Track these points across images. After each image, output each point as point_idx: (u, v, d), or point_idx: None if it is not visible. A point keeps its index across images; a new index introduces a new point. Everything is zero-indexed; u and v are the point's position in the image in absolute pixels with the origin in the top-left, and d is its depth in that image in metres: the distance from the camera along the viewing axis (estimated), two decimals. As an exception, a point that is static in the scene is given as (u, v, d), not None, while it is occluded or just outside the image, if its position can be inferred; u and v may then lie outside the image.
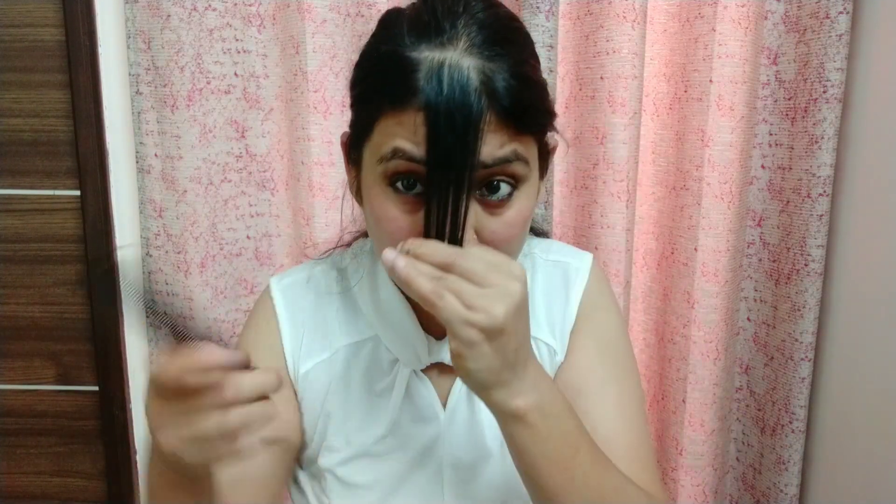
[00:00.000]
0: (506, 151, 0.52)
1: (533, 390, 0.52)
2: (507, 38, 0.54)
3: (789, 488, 1.07)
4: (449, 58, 0.50)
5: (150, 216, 1.06)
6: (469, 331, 0.48)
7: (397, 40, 0.53)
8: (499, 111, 0.51)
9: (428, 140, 0.50)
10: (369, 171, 0.56)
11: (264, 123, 1.07)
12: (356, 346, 0.68)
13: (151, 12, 1.00)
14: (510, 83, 0.51)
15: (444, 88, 0.49)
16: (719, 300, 1.05)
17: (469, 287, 0.48)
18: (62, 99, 1.08)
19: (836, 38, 0.95)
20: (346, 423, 0.66)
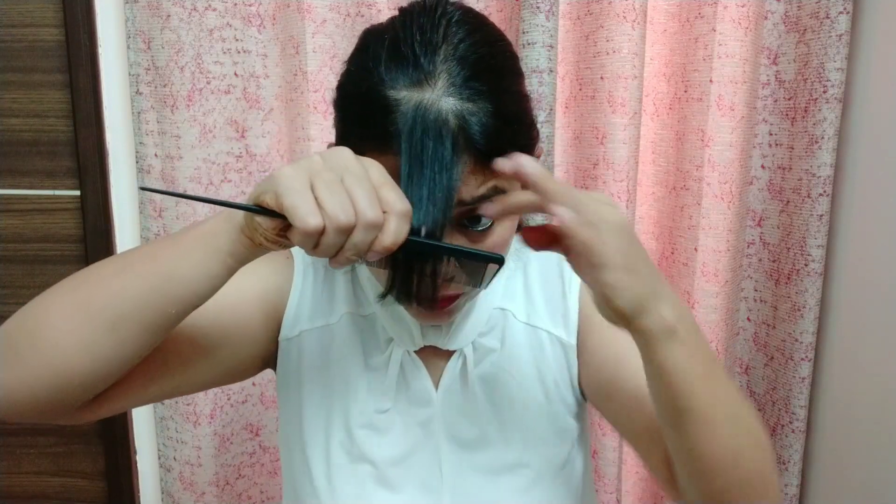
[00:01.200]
0: (484, 189, 0.53)
1: (675, 303, 0.50)
2: (486, 71, 0.53)
3: (789, 488, 1.07)
4: (426, 100, 0.50)
5: (150, 216, 1.06)
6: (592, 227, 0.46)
7: (375, 77, 0.52)
8: (476, 154, 0.51)
9: (406, 187, 0.49)
10: None
11: (264, 123, 1.07)
12: (357, 318, 0.69)
13: (151, 12, 1.00)
14: (488, 125, 0.51)
15: (420, 136, 0.49)
16: (719, 300, 1.05)
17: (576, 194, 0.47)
18: (62, 99, 1.08)
19: (836, 38, 0.95)
20: (345, 390, 0.68)
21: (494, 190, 0.53)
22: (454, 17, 0.54)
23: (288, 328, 0.68)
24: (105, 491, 1.19)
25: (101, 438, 1.17)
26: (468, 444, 0.67)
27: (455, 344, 0.67)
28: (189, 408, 1.09)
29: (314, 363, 0.69)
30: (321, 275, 0.71)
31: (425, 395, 0.67)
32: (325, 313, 0.69)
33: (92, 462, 1.19)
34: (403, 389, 0.68)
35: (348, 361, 0.68)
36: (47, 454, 1.19)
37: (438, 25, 0.53)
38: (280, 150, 1.09)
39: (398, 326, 0.67)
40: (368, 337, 0.69)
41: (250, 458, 1.14)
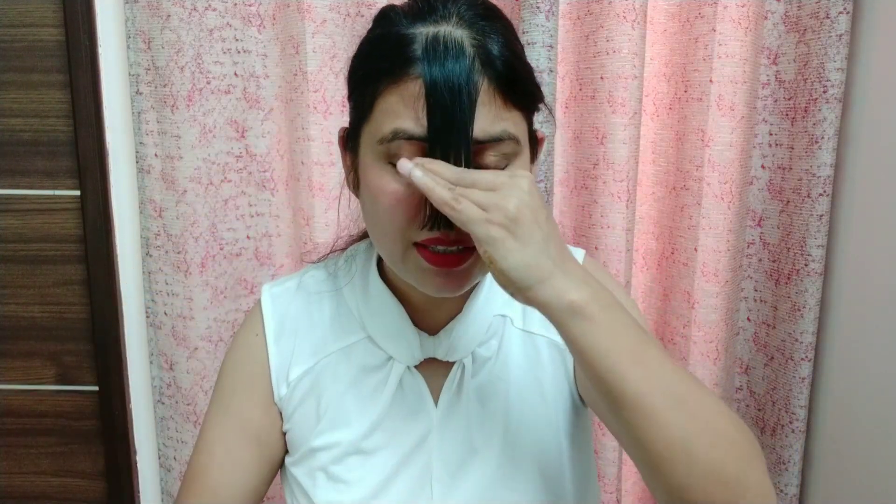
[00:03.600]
0: (497, 129, 0.55)
1: (584, 284, 0.51)
2: (496, 15, 0.58)
3: (789, 488, 1.07)
4: (443, 30, 0.54)
5: (150, 216, 1.06)
6: (490, 228, 0.50)
7: (393, 23, 0.56)
8: (492, 77, 0.54)
9: (429, 108, 0.52)
10: (368, 151, 0.57)
11: (264, 123, 1.07)
12: (347, 350, 0.68)
13: (151, 12, 1.00)
14: (501, 52, 0.54)
15: (439, 57, 0.52)
16: (719, 300, 1.05)
17: (482, 193, 0.51)
18: (62, 99, 1.08)
19: (836, 38, 0.95)
20: (337, 423, 0.67)
21: (506, 133, 0.55)
22: None
23: (278, 389, 0.69)
24: (105, 491, 1.19)
25: (101, 438, 1.17)
26: (461, 460, 0.65)
27: (455, 355, 0.66)
28: (189, 408, 1.09)
29: (301, 406, 0.68)
30: (300, 316, 0.70)
31: (423, 410, 0.66)
32: (308, 356, 0.69)
33: (92, 462, 1.19)
34: (399, 404, 0.66)
35: (338, 395, 0.67)
36: (47, 454, 1.19)
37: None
38: (280, 150, 1.09)
39: (396, 342, 0.66)
40: (363, 361, 0.68)
41: (250, 458, 1.14)
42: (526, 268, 0.50)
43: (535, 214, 0.51)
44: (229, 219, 1.08)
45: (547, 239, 0.51)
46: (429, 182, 0.51)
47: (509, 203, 0.50)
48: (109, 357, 1.14)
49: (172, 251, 1.06)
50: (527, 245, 0.50)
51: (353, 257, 0.72)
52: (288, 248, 1.12)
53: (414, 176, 0.51)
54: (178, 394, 1.09)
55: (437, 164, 0.52)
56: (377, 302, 0.67)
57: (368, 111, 0.57)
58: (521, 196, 0.51)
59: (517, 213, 0.50)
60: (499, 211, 0.50)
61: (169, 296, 1.07)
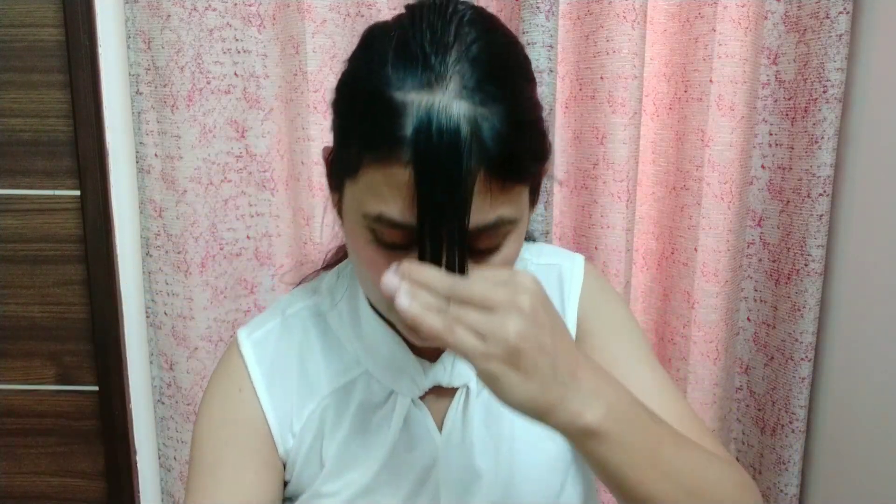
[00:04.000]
0: (491, 217, 0.49)
1: (596, 399, 0.47)
2: (500, 73, 0.49)
3: (789, 488, 1.07)
4: (437, 103, 0.46)
5: (150, 216, 1.06)
6: (488, 363, 0.44)
7: (381, 76, 0.48)
8: (488, 163, 0.47)
9: (417, 203, 0.47)
10: (351, 212, 0.53)
11: (264, 123, 1.07)
12: (346, 388, 0.64)
13: (151, 12, 1.00)
14: (503, 130, 0.47)
15: (432, 141, 0.46)
16: (719, 300, 1.05)
17: (475, 315, 0.45)
18: (62, 99, 1.08)
19: (836, 38, 0.95)
20: (342, 468, 0.63)
21: (500, 220, 0.50)
22: (466, 15, 0.50)
23: (283, 443, 0.64)
24: (105, 491, 1.19)
25: (101, 438, 1.17)
26: (467, 485, 0.63)
27: (460, 379, 0.64)
28: (189, 408, 1.09)
29: (305, 452, 0.64)
30: (290, 362, 0.65)
31: (428, 439, 0.63)
32: (305, 402, 0.64)
33: (92, 462, 1.19)
34: (405, 437, 0.63)
35: (343, 438, 0.63)
36: (47, 454, 1.19)
37: (450, 23, 0.49)
38: (280, 151, 1.09)
39: (398, 376, 0.63)
40: (365, 398, 0.64)
41: (250, 458, 1.14)
42: (532, 401, 0.45)
43: (539, 338, 0.45)
44: (229, 219, 1.08)
45: (554, 362, 0.46)
46: (417, 313, 0.45)
47: (508, 331, 0.44)
48: (109, 357, 1.14)
49: (172, 251, 1.06)
50: (532, 377, 0.45)
51: (338, 278, 0.68)
52: (288, 248, 1.12)
53: (400, 304, 0.45)
54: (178, 394, 1.09)
55: (425, 272, 0.46)
56: (371, 336, 0.63)
57: (353, 172, 0.51)
58: (522, 319, 0.44)
59: (518, 342, 0.44)
60: (497, 342, 0.44)
61: (169, 296, 1.07)
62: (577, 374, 0.47)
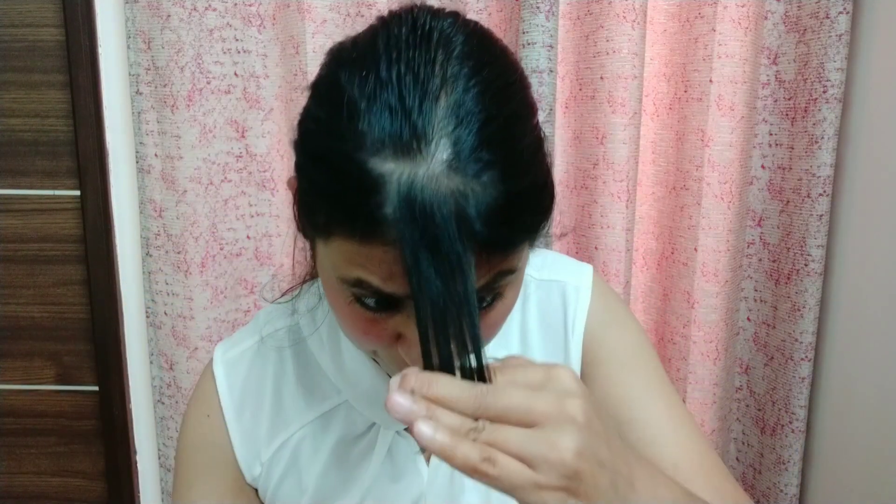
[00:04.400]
0: (487, 278, 0.43)
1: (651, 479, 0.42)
2: (496, 132, 0.40)
3: (789, 488, 1.07)
4: (421, 177, 0.38)
5: (150, 216, 1.06)
6: (543, 496, 0.36)
7: (352, 138, 0.40)
8: (480, 244, 0.40)
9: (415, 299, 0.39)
10: (328, 271, 0.46)
11: (264, 123, 1.07)
12: (325, 418, 0.61)
13: (151, 12, 1.00)
14: (496, 207, 0.39)
15: (419, 226, 0.38)
16: (719, 300, 1.05)
17: (518, 435, 0.36)
18: (62, 99, 1.08)
19: (836, 38, 0.95)
20: (322, 499, 0.60)
21: (499, 275, 0.43)
22: (455, 49, 0.41)
23: (249, 470, 0.62)
24: (105, 491, 1.19)
25: (101, 438, 1.17)
26: None
27: None
28: (189, 408, 1.09)
29: (281, 483, 0.62)
30: (264, 385, 0.62)
31: (414, 471, 0.60)
32: (279, 430, 0.61)
33: (92, 462, 1.19)
34: (388, 468, 0.60)
35: (322, 469, 0.61)
36: (47, 454, 1.19)
37: (435, 61, 0.40)
38: (280, 151, 1.09)
39: (380, 409, 0.58)
40: (344, 430, 0.60)
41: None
42: None
43: (598, 453, 0.37)
44: (229, 219, 1.08)
45: (614, 476, 0.39)
46: (447, 445, 0.36)
47: (565, 453, 0.36)
48: (109, 357, 1.14)
49: (172, 251, 1.06)
50: (592, 501, 0.37)
51: (316, 305, 0.63)
52: (288, 248, 1.11)
53: (422, 435, 0.36)
54: (178, 394, 1.09)
55: (443, 385, 0.37)
56: (352, 364, 0.59)
57: (323, 236, 0.44)
58: (577, 434, 0.36)
59: (577, 465, 0.36)
60: (552, 469, 0.36)
61: (169, 296, 1.07)
62: (635, 483, 0.41)
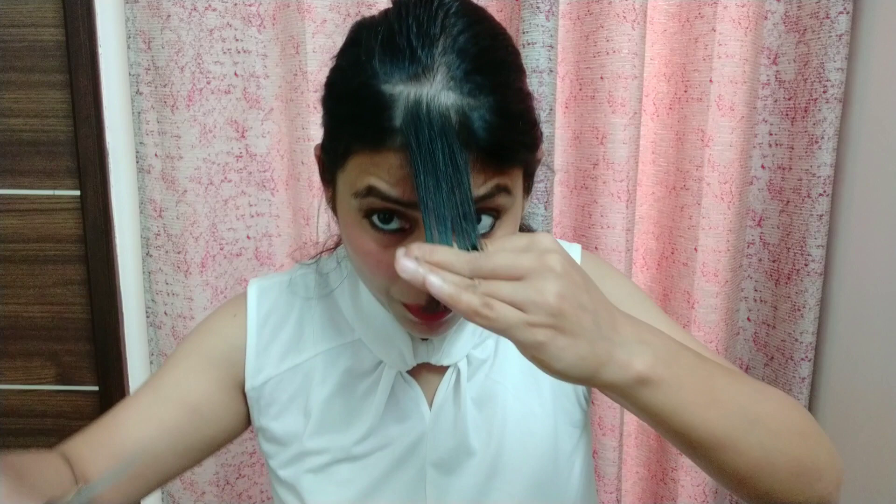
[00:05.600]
0: (487, 188, 0.49)
1: (641, 346, 0.46)
2: (488, 64, 0.49)
3: (789, 488, 1.07)
4: (425, 94, 0.47)
5: (150, 216, 1.06)
6: (535, 332, 0.42)
7: (368, 71, 0.49)
8: (479, 152, 0.47)
9: (417, 186, 0.46)
10: (344, 199, 0.54)
11: (264, 123, 1.07)
12: (337, 350, 0.67)
13: (151, 12, 1.00)
14: (491, 121, 0.47)
15: (422, 134, 0.46)
16: (719, 300, 1.05)
17: (508, 286, 0.43)
18: (62, 99, 1.08)
19: (836, 38, 0.95)
20: (326, 427, 0.65)
21: (496, 188, 0.50)
22: (452, 8, 0.50)
23: (251, 378, 0.67)
24: (105, 491, 1.19)
25: (101, 438, 1.17)
26: (455, 464, 0.64)
27: (449, 359, 0.64)
28: (189, 408, 1.09)
29: (287, 404, 0.67)
30: (286, 313, 0.69)
31: (417, 414, 0.65)
32: (295, 353, 0.67)
33: (92, 462, 1.19)
34: (393, 409, 0.65)
35: (328, 396, 0.66)
36: (47, 454, 1.19)
37: (436, 17, 0.49)
38: (280, 151, 1.09)
39: (387, 348, 0.64)
40: (354, 364, 0.66)
41: (250, 457, 1.14)
42: (582, 361, 0.43)
43: (578, 296, 0.43)
44: (229, 219, 1.08)
45: (596, 318, 0.44)
46: (450, 291, 0.42)
47: (548, 296, 0.42)
48: (109, 357, 1.14)
49: (172, 251, 1.06)
50: (578, 337, 0.43)
51: (342, 259, 0.70)
52: (288, 248, 1.12)
53: (430, 285, 0.42)
54: (178, 394, 1.09)
55: (442, 252, 0.44)
56: (368, 306, 0.65)
57: (342, 162, 0.52)
58: (558, 281, 0.43)
59: (560, 304, 0.42)
60: (538, 309, 0.42)
61: (169, 296, 1.07)
62: (618, 327, 0.46)
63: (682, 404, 0.47)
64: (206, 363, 0.67)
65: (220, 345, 0.68)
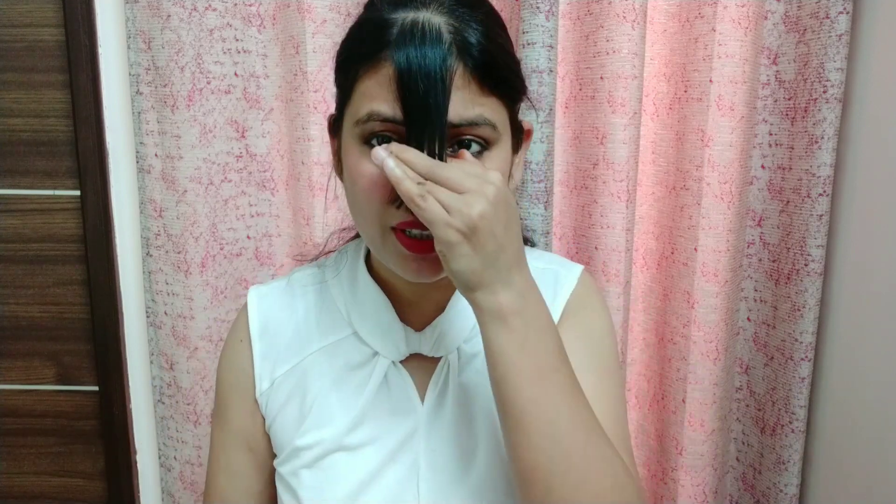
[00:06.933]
0: (472, 113, 0.55)
1: (518, 296, 0.54)
2: (479, 3, 0.58)
3: (789, 488, 1.07)
4: (422, 16, 0.54)
5: (150, 216, 1.06)
6: (449, 231, 0.51)
7: (376, 8, 0.57)
8: (467, 64, 0.54)
9: (401, 93, 0.53)
10: (348, 134, 0.59)
11: (264, 123, 1.07)
12: (333, 347, 0.69)
13: (151, 12, 1.00)
14: (479, 39, 0.55)
15: (415, 41, 0.53)
16: (719, 300, 1.05)
17: (448, 193, 0.51)
18: (62, 99, 1.08)
19: (836, 38, 0.95)
20: (320, 421, 0.67)
21: (482, 118, 0.56)
22: None
23: (259, 384, 0.70)
24: (105, 491, 1.19)
25: (101, 438, 1.17)
26: (449, 455, 0.65)
27: (441, 350, 0.67)
28: (189, 407, 1.09)
29: (284, 403, 0.69)
30: (285, 315, 0.72)
31: (409, 406, 0.67)
32: (291, 355, 0.70)
33: (92, 462, 1.19)
34: (385, 400, 0.67)
35: (322, 392, 0.68)
36: (47, 454, 1.19)
37: None
38: (280, 151, 1.09)
39: (381, 337, 0.67)
40: (347, 359, 0.68)
41: (250, 458, 1.14)
42: (472, 273, 0.52)
43: (493, 225, 0.52)
44: (229, 219, 1.08)
45: (499, 250, 0.52)
46: (398, 174, 0.52)
47: (472, 210, 0.51)
48: (109, 357, 1.14)
49: (172, 251, 1.06)
50: (478, 253, 0.52)
51: (343, 253, 0.73)
52: (288, 248, 1.12)
53: (386, 166, 0.52)
54: (178, 394, 1.09)
55: (411, 152, 0.53)
56: (364, 295, 0.68)
57: (349, 94, 0.58)
58: (485, 205, 0.51)
59: (478, 221, 0.51)
60: (460, 216, 0.51)
61: (169, 296, 1.07)
62: (513, 271, 0.54)
63: (516, 360, 0.53)
64: (238, 397, 0.71)
65: (238, 374, 0.71)
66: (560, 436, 0.54)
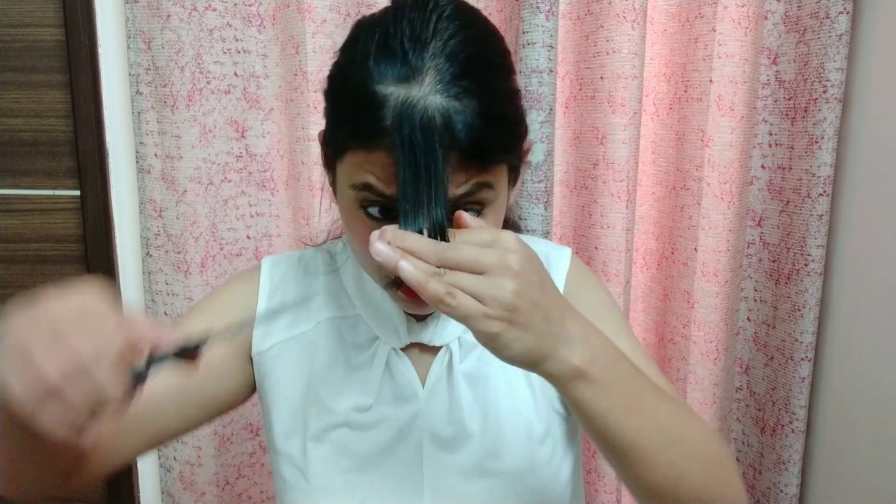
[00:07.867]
0: (467, 187, 0.53)
1: (584, 344, 0.51)
2: (475, 69, 0.53)
3: (789, 488, 1.07)
4: (414, 97, 0.50)
5: (150, 216, 1.06)
6: (490, 323, 0.47)
7: (364, 72, 0.53)
8: (460, 153, 0.51)
9: (398, 178, 0.51)
10: (342, 188, 0.57)
11: (264, 123, 1.07)
12: (338, 321, 0.70)
13: (151, 12, 1.00)
14: (473, 125, 0.51)
15: (412, 129, 0.50)
16: (719, 300, 1.05)
17: (470, 278, 0.47)
18: (62, 99, 1.08)
19: (836, 38, 0.95)
20: (325, 392, 0.68)
21: (477, 186, 0.54)
22: (446, 11, 0.54)
23: (258, 342, 0.70)
24: (105, 491, 1.19)
25: (101, 438, 1.17)
26: (451, 442, 0.66)
27: (441, 339, 0.67)
28: (189, 408, 1.09)
29: (290, 370, 0.69)
30: (295, 285, 0.72)
31: (411, 392, 0.67)
32: (301, 322, 0.70)
33: (92, 462, 1.19)
34: (388, 386, 0.68)
35: (328, 363, 0.69)
36: (47, 454, 1.19)
37: (429, 20, 0.53)
38: (280, 151, 1.09)
39: (383, 324, 0.68)
40: (352, 337, 0.69)
41: (250, 457, 1.14)
42: (529, 353, 0.48)
43: (532, 294, 0.48)
44: (229, 219, 1.08)
45: (546, 315, 0.49)
46: (419, 277, 0.47)
47: (505, 293, 0.47)
48: (109, 357, 1.13)
49: (172, 251, 1.06)
50: (528, 330, 0.48)
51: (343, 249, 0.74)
52: (288, 248, 1.12)
53: (401, 270, 0.47)
54: (178, 394, 1.09)
55: (412, 239, 0.48)
56: (369, 284, 0.69)
57: (341, 154, 0.56)
58: (515, 281, 0.47)
59: (515, 301, 0.47)
60: (496, 303, 0.46)
61: (169, 296, 1.07)
62: (567, 324, 0.51)
63: (609, 406, 0.51)
64: (218, 321, 0.68)
65: (233, 305, 0.71)
66: (676, 441, 0.54)
